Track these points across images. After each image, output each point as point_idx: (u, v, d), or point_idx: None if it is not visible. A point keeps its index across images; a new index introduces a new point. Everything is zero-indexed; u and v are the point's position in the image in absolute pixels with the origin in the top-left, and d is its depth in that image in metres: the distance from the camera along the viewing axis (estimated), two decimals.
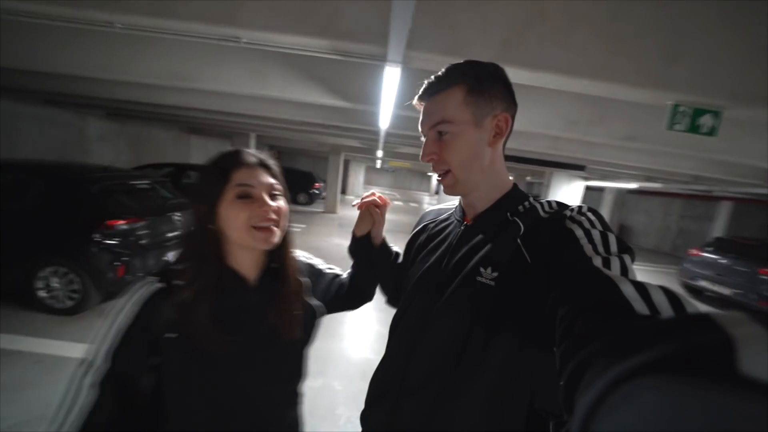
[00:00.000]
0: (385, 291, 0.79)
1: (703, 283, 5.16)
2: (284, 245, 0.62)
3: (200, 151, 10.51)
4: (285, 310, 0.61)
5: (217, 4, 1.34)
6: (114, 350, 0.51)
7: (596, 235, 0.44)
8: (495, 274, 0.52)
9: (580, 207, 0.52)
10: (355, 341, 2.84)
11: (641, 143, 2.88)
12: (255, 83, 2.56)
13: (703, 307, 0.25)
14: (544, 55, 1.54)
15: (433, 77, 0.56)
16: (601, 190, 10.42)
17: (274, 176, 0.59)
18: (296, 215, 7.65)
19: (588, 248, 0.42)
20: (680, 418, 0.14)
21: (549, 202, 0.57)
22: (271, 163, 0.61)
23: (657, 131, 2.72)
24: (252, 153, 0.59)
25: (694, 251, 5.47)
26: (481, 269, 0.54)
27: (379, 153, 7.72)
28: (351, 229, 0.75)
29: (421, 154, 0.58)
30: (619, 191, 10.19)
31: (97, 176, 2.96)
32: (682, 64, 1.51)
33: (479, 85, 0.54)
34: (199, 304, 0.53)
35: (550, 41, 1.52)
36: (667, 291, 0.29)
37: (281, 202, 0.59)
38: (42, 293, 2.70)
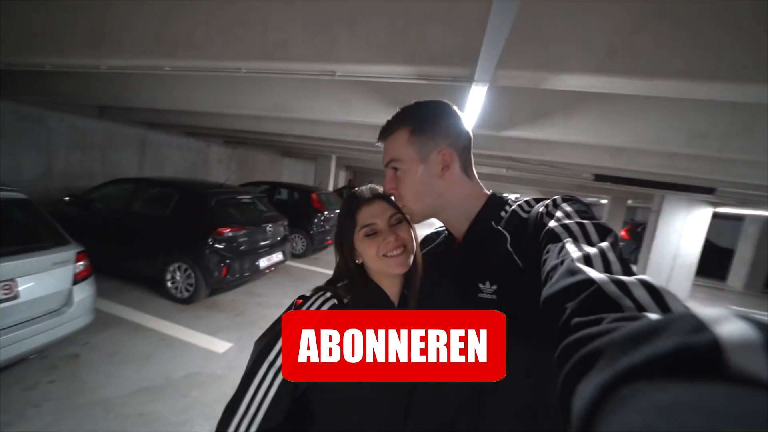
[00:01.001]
0: None
1: None
2: (414, 268, 0.66)
3: (290, 171, 12.01)
4: None
5: (319, 45, 1.54)
6: None
7: (574, 227, 0.44)
8: (494, 287, 0.53)
9: (554, 200, 0.53)
10: None
11: None
12: (341, 111, 2.83)
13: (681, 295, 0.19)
14: (662, 60, 1.31)
15: (385, 121, 0.63)
16: (739, 218, 8.20)
17: (392, 204, 0.66)
18: None
19: (568, 243, 0.41)
20: (678, 419, 0.15)
21: (527, 201, 0.59)
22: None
23: None
24: (367, 189, 0.67)
25: None
26: (480, 285, 0.54)
27: None
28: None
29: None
30: None
31: (215, 191, 3.63)
32: None
33: (421, 125, 0.59)
34: None
35: (670, 44, 1.29)
36: (646, 285, 0.28)
37: (404, 227, 0.65)
38: (169, 283, 3.36)
